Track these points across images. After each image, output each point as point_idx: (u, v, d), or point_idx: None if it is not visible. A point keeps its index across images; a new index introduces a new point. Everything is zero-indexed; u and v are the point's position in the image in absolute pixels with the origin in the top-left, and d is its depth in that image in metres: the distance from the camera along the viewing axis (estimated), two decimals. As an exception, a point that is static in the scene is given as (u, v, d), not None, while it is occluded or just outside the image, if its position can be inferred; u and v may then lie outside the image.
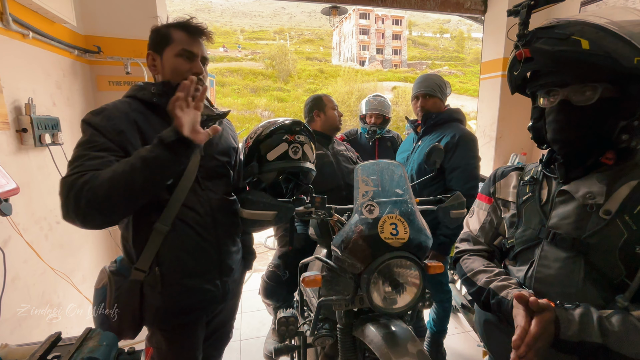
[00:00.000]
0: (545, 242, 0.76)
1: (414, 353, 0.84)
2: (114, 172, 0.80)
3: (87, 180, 0.79)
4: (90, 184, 0.78)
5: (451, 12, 3.05)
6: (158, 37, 1.00)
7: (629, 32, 0.62)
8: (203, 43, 1.04)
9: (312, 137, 1.16)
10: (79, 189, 0.78)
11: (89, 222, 0.81)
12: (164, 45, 0.99)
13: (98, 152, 0.85)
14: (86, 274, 1.94)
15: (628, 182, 0.69)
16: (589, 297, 0.69)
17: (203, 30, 1.02)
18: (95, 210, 0.79)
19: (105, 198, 0.78)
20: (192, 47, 0.99)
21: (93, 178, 0.79)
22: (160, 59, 1.00)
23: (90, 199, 0.78)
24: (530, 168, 0.88)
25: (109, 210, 0.81)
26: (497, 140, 2.98)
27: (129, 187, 0.80)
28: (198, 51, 1.01)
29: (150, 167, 0.80)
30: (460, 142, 1.61)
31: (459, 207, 1.09)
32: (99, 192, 0.78)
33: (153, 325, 1.03)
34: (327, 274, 0.96)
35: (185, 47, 0.98)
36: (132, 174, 0.80)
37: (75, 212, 0.79)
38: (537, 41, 0.69)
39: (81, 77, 2.04)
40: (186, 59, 0.99)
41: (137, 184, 0.80)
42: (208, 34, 1.04)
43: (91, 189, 0.78)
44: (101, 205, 0.79)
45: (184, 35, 0.99)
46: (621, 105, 0.66)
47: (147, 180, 0.81)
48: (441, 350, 1.93)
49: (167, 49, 0.99)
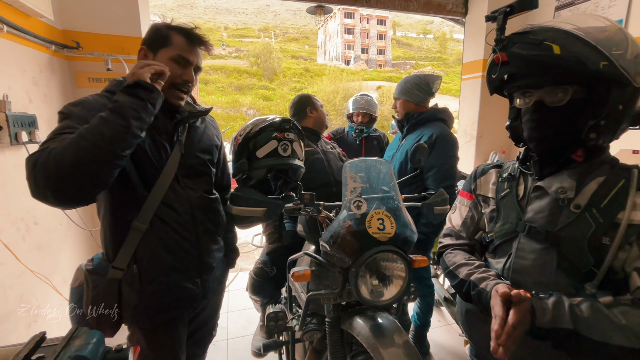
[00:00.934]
0: (521, 235, 0.80)
1: (400, 344, 0.88)
2: (82, 129, 0.76)
3: (53, 148, 0.74)
4: (56, 150, 0.74)
5: (433, 13, 3.12)
6: (156, 36, 0.98)
7: (595, 38, 0.66)
8: (200, 53, 1.03)
9: (301, 135, 1.17)
10: (45, 158, 0.73)
11: (61, 194, 0.74)
12: (161, 45, 0.97)
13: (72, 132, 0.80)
14: (66, 275, 1.88)
15: (596, 178, 0.74)
16: (561, 285, 0.73)
17: (203, 40, 1.02)
18: (65, 179, 0.73)
19: (73, 161, 0.72)
20: (189, 55, 0.99)
21: (61, 142, 0.75)
22: (152, 57, 0.98)
23: (59, 164, 0.72)
24: (508, 165, 0.93)
25: (80, 175, 0.74)
26: (478, 139, 3.07)
27: (97, 141, 0.74)
28: (194, 59, 1.00)
29: (118, 112, 0.79)
30: (438, 142, 1.64)
31: (442, 204, 1.13)
32: (66, 156, 0.73)
33: (132, 323, 1.02)
34: (316, 269, 0.98)
35: (182, 53, 0.98)
36: (99, 124, 0.76)
37: (46, 182, 0.73)
38: (513, 46, 0.73)
39: (59, 73, 1.97)
40: (180, 64, 0.98)
41: (106, 135, 0.75)
42: (208, 45, 1.03)
43: (57, 154, 0.73)
44: (70, 171, 0.72)
45: (184, 41, 0.98)
46: (590, 106, 0.71)
47: (115, 130, 0.77)
48: (425, 343, 1.99)
49: (162, 50, 0.97)
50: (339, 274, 0.90)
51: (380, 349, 0.83)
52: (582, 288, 0.71)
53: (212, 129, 1.19)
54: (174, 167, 0.98)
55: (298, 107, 1.79)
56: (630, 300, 0.66)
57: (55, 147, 0.75)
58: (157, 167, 0.96)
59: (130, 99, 0.82)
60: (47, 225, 1.74)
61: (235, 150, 1.13)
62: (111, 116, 0.78)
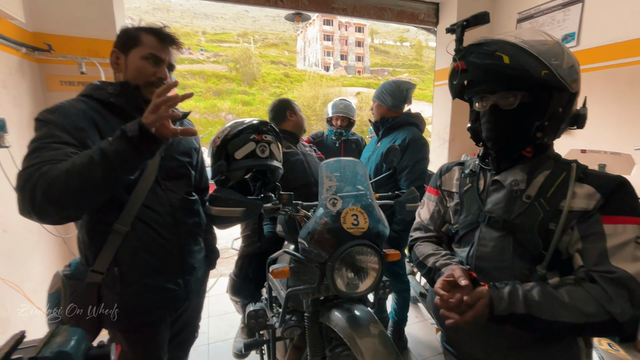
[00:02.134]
0: (482, 225, 0.88)
1: (376, 334, 0.93)
2: (72, 164, 0.76)
3: (45, 172, 0.75)
4: (47, 175, 0.75)
5: (407, 22, 3.26)
6: (126, 37, 1.00)
7: (538, 50, 0.76)
8: (172, 52, 1.05)
9: (279, 137, 1.21)
10: (36, 181, 0.75)
11: (45, 216, 0.78)
12: (131, 46, 0.99)
13: (58, 144, 0.82)
14: (37, 284, 1.81)
15: (543, 172, 0.84)
16: (517, 268, 0.81)
17: (174, 39, 1.03)
18: (51, 204, 0.75)
19: (62, 191, 0.74)
20: (160, 53, 1.00)
21: (51, 170, 0.76)
22: (124, 59, 0.99)
23: (46, 191, 0.74)
24: (469, 163, 1.02)
25: (65, 203, 0.77)
26: (450, 142, 3.21)
27: (87, 180, 0.76)
28: (165, 57, 1.01)
29: (110, 161, 0.76)
30: (410, 145, 1.75)
31: (414, 201, 1.20)
32: (55, 184, 0.74)
33: (113, 327, 1.01)
34: (295, 266, 1.02)
35: (153, 51, 0.99)
36: (90, 166, 0.76)
37: (32, 205, 0.75)
38: (469, 55, 0.82)
39: (29, 76, 1.92)
40: (152, 62, 0.99)
41: (95, 178, 0.76)
42: (178, 43, 1.05)
43: (48, 180, 0.74)
44: (57, 199, 0.75)
45: (154, 41, 1.00)
46: (536, 109, 0.80)
47: (106, 174, 0.77)
48: (403, 338, 2.07)
49: (133, 50, 0.98)
50: (316, 269, 0.94)
51: (357, 338, 0.88)
52: (535, 270, 0.79)
53: None
54: (154, 170, 0.99)
55: (278, 110, 1.83)
56: (572, 279, 0.75)
57: (45, 174, 0.75)
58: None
59: (129, 151, 0.78)
60: (16, 233, 1.68)
61: (214, 152, 1.15)
62: (104, 163, 0.76)
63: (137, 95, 0.99)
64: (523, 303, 0.71)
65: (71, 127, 0.86)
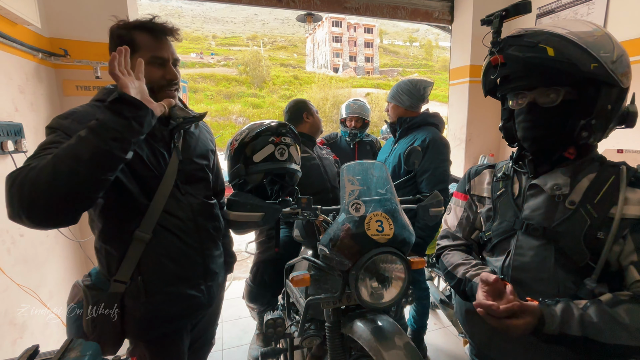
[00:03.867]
0: (519, 232, 0.82)
1: (401, 345, 0.87)
2: (57, 152, 0.70)
3: (32, 168, 0.69)
4: (33, 171, 0.68)
5: (421, 21, 3.20)
6: (120, 42, 0.91)
7: (586, 41, 0.70)
8: (171, 43, 0.99)
9: (298, 139, 1.18)
10: (22, 179, 0.68)
11: (35, 218, 0.69)
12: (131, 52, 0.91)
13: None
14: (53, 289, 1.82)
15: (587, 175, 0.76)
16: (560, 280, 0.75)
17: (168, 28, 0.96)
18: (40, 199, 0.67)
19: (49, 184, 0.67)
20: (161, 52, 0.94)
21: (37, 164, 0.69)
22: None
23: (34, 184, 0.66)
24: (500, 165, 0.95)
25: (56, 199, 0.68)
26: (467, 142, 3.13)
27: (74, 165, 0.67)
28: (168, 55, 0.96)
29: (97, 133, 0.69)
30: (430, 146, 1.67)
31: (437, 205, 1.14)
32: (41, 179, 0.67)
33: (137, 337, 0.99)
34: (315, 273, 0.98)
35: (154, 53, 0.93)
36: (77, 145, 0.69)
37: (20, 204, 0.68)
38: (508, 48, 0.75)
39: (46, 82, 1.93)
40: (157, 65, 0.94)
41: (82, 159, 0.68)
42: (174, 31, 0.97)
43: (33, 176, 0.68)
44: (45, 195, 0.67)
45: (150, 39, 0.93)
46: (581, 107, 0.73)
47: (95, 151, 0.69)
48: (422, 346, 1.99)
49: (134, 56, 0.91)
50: (338, 277, 0.90)
51: (382, 351, 0.83)
52: (582, 284, 0.72)
53: (206, 134, 1.18)
54: (174, 174, 0.97)
55: (294, 112, 1.78)
56: (629, 296, 0.68)
57: (34, 168, 0.69)
58: (156, 176, 0.94)
59: (113, 118, 0.73)
60: (33, 238, 1.68)
61: (231, 155, 1.12)
62: (89, 136, 0.70)
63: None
64: (579, 324, 0.65)
65: None
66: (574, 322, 0.65)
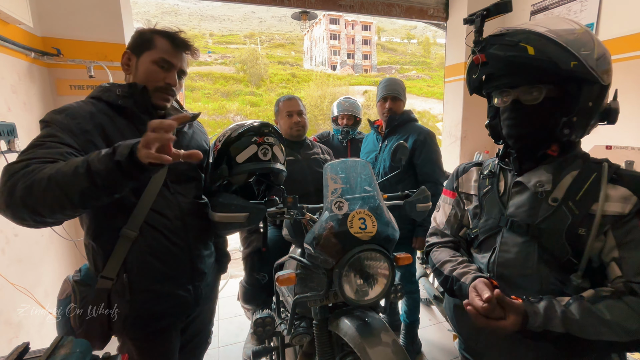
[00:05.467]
0: (504, 229, 0.83)
1: (388, 342, 0.88)
2: (56, 171, 0.71)
3: (30, 172, 0.71)
4: (30, 175, 0.71)
5: (415, 18, 3.19)
6: (140, 39, 0.98)
7: (565, 39, 0.70)
8: (186, 58, 1.02)
9: (282, 139, 1.18)
10: (19, 178, 0.71)
11: (17, 217, 0.73)
12: (144, 48, 0.97)
13: (56, 143, 0.79)
14: (49, 288, 1.83)
15: (570, 172, 0.77)
16: (543, 276, 0.76)
17: (188, 45, 1.01)
18: (25, 207, 0.71)
19: (38, 197, 0.70)
20: (172, 58, 0.98)
21: (36, 171, 0.72)
22: (136, 60, 0.98)
23: (25, 192, 0.70)
24: (488, 163, 0.96)
25: (40, 210, 0.72)
26: (462, 139, 3.14)
27: (65, 192, 0.70)
28: (177, 63, 0.99)
29: (93, 178, 0.70)
30: (427, 139, 1.81)
31: (425, 201, 1.15)
32: (34, 188, 0.70)
33: (122, 334, 1.00)
34: (301, 272, 0.98)
35: (165, 56, 0.97)
36: (73, 178, 0.70)
37: (7, 202, 0.71)
38: (490, 47, 0.76)
39: (39, 81, 1.93)
40: (163, 68, 0.97)
41: (75, 191, 0.71)
42: (193, 50, 1.02)
43: (29, 182, 0.70)
44: (32, 203, 0.71)
45: (168, 45, 0.97)
46: (563, 104, 0.74)
47: (87, 190, 0.71)
48: (416, 341, 2.01)
49: (146, 53, 0.96)
50: (323, 275, 0.91)
51: (367, 348, 0.84)
52: (569, 280, 0.73)
53: (200, 134, 1.19)
54: (163, 173, 0.97)
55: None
56: (610, 291, 0.69)
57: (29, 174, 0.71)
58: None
59: (116, 174, 0.70)
60: (27, 237, 1.69)
61: (215, 156, 1.12)
62: (87, 180, 0.70)
63: (145, 97, 0.96)
64: (561, 321, 0.66)
65: (77, 128, 0.85)
66: (557, 319, 0.66)
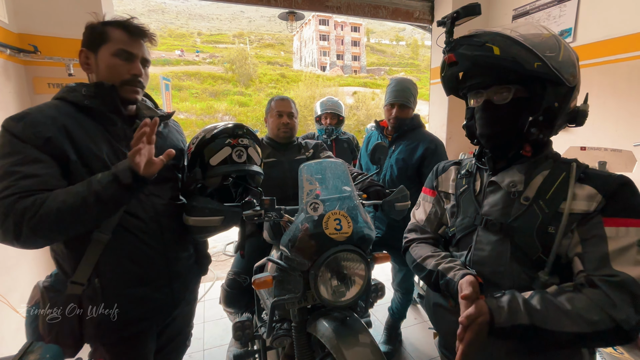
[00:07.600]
0: (479, 228, 0.84)
1: (366, 343, 0.89)
2: (63, 204, 0.78)
3: (29, 207, 0.76)
4: (33, 211, 0.76)
5: (402, 20, 3.23)
6: (92, 35, 0.93)
7: (531, 42, 0.73)
8: (145, 46, 0.99)
9: (257, 140, 1.16)
10: (20, 215, 0.75)
11: (30, 245, 0.80)
12: (100, 43, 0.93)
13: (29, 168, 0.80)
14: (25, 293, 1.76)
15: (541, 172, 0.79)
16: (515, 273, 0.77)
17: (144, 31, 0.96)
18: (40, 237, 0.79)
19: (52, 227, 0.78)
20: (131, 48, 0.94)
21: (36, 205, 0.76)
22: (94, 58, 0.94)
23: (35, 227, 0.76)
24: (465, 163, 0.98)
25: (55, 236, 0.82)
26: (447, 140, 3.18)
27: (80, 219, 0.80)
28: (138, 52, 0.95)
29: (105, 203, 0.80)
30: (438, 149, 1.77)
31: (403, 200, 1.15)
32: (45, 221, 0.76)
33: (95, 340, 0.97)
34: (278, 274, 0.97)
35: (123, 46, 0.93)
36: (84, 208, 0.79)
37: (16, 237, 0.77)
38: (459, 47, 0.78)
39: (14, 79, 1.87)
40: (124, 59, 0.93)
41: (89, 217, 0.81)
42: (150, 35, 0.98)
43: (37, 217, 0.76)
44: (47, 234, 0.79)
45: (123, 35, 0.93)
46: (530, 104, 0.76)
47: (100, 213, 0.82)
48: (397, 332, 2.07)
49: (102, 48, 0.92)
50: (299, 278, 0.90)
51: (343, 349, 0.84)
52: (536, 276, 0.75)
53: (177, 134, 1.17)
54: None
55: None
56: (572, 286, 0.70)
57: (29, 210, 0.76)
58: None
59: (124, 193, 0.82)
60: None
61: (189, 159, 1.10)
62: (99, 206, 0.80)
63: (113, 96, 0.93)
64: (525, 313, 0.67)
65: (37, 138, 0.82)
66: (521, 310, 0.67)
